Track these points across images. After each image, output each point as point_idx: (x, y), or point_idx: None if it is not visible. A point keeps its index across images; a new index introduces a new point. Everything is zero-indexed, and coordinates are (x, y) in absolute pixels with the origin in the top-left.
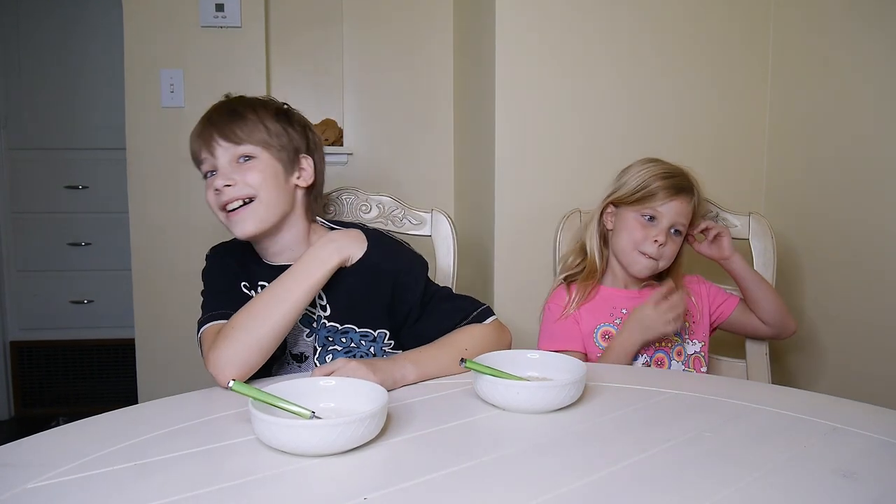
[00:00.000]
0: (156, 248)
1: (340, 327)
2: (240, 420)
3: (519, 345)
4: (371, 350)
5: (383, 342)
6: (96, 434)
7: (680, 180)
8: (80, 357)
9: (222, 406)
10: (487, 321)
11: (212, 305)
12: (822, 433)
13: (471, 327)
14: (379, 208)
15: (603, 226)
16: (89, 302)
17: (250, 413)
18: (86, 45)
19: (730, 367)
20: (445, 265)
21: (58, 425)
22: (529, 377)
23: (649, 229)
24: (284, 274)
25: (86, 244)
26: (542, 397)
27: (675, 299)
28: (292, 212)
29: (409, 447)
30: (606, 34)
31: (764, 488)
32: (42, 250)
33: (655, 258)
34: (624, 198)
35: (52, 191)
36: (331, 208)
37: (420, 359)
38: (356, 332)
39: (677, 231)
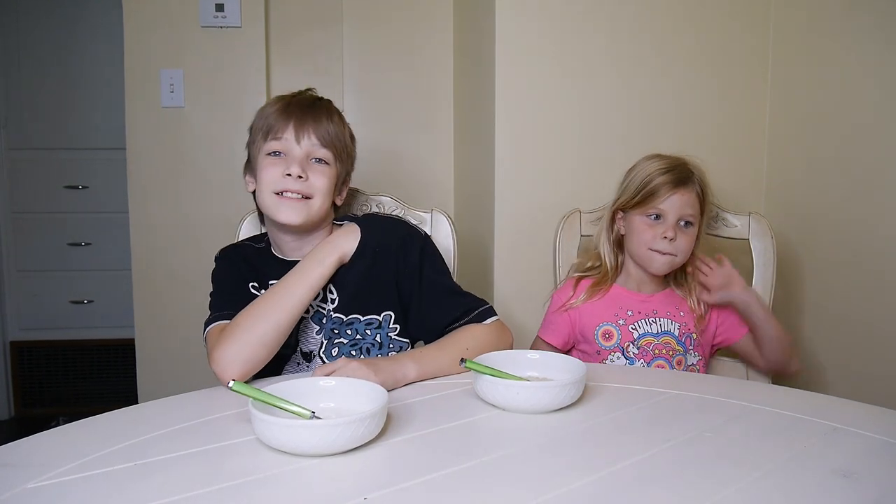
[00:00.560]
0: (156, 248)
1: (346, 318)
2: (240, 420)
3: (519, 345)
4: (377, 338)
5: (388, 327)
6: (96, 434)
7: (679, 172)
8: (80, 357)
9: (222, 406)
10: (489, 321)
11: (218, 306)
12: (822, 433)
13: (472, 327)
14: (379, 208)
15: (617, 231)
16: (89, 302)
17: (250, 413)
18: (86, 45)
19: (730, 368)
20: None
21: (58, 425)
22: (529, 377)
23: (657, 228)
24: (287, 275)
25: (86, 244)
26: (542, 397)
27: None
28: (324, 219)
29: (409, 447)
30: (606, 34)
31: (764, 488)
32: (42, 250)
33: (671, 253)
34: (628, 202)
35: (51, 191)
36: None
37: (420, 358)
38: (361, 322)
39: (687, 223)
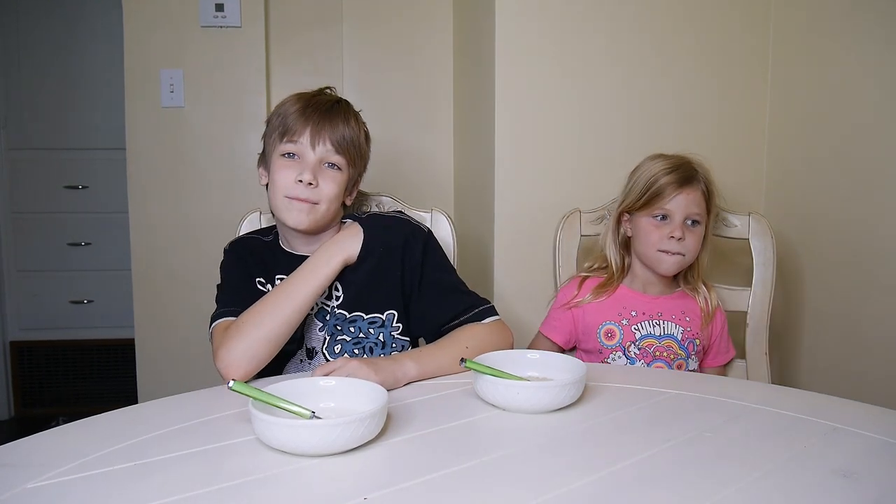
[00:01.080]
0: (156, 248)
1: (349, 315)
2: (240, 420)
3: (520, 344)
4: (381, 337)
5: (391, 326)
6: (96, 434)
7: (683, 171)
8: (80, 357)
9: (222, 406)
10: (489, 320)
11: (224, 301)
12: (822, 433)
13: (472, 326)
14: (379, 208)
15: (623, 233)
16: (89, 302)
17: (250, 413)
18: (86, 45)
19: (730, 368)
20: None
21: (58, 425)
22: (529, 377)
23: (664, 228)
24: (293, 274)
25: (86, 244)
26: (542, 397)
27: None
28: (332, 220)
29: (409, 447)
30: (606, 34)
31: (764, 488)
32: (42, 250)
33: (679, 253)
34: (634, 204)
35: (51, 191)
36: None
37: (420, 358)
38: (364, 321)
39: (694, 222)
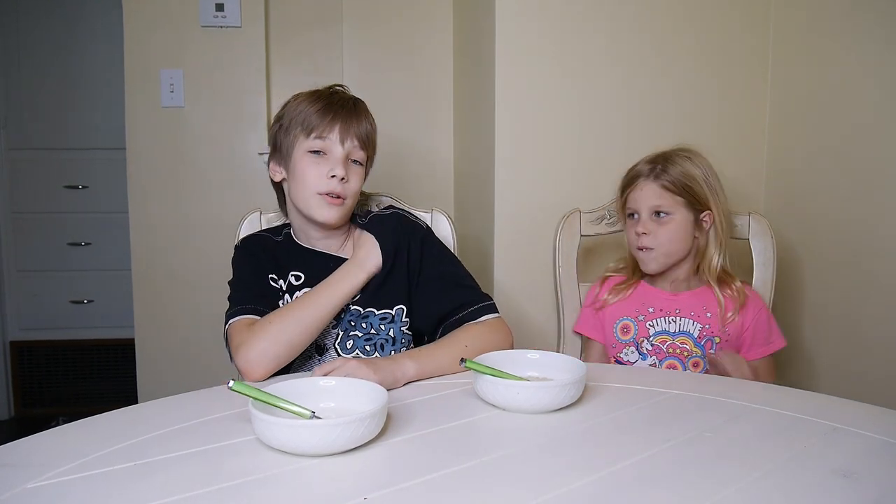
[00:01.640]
0: (156, 248)
1: (363, 311)
2: (240, 420)
3: (520, 344)
4: (391, 333)
5: (401, 321)
6: (96, 434)
7: (639, 168)
8: (80, 357)
9: (222, 406)
10: (489, 318)
11: (239, 299)
12: (822, 433)
13: (472, 325)
14: (378, 208)
15: None
16: (89, 302)
17: (250, 413)
18: (86, 45)
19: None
20: None
21: (58, 425)
22: (529, 377)
23: (635, 226)
24: (321, 285)
25: (86, 244)
26: (542, 397)
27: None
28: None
29: (409, 447)
30: (606, 34)
31: (764, 488)
32: (42, 250)
33: (647, 247)
34: (619, 207)
35: (51, 191)
36: None
37: (420, 357)
38: (375, 316)
39: (661, 213)
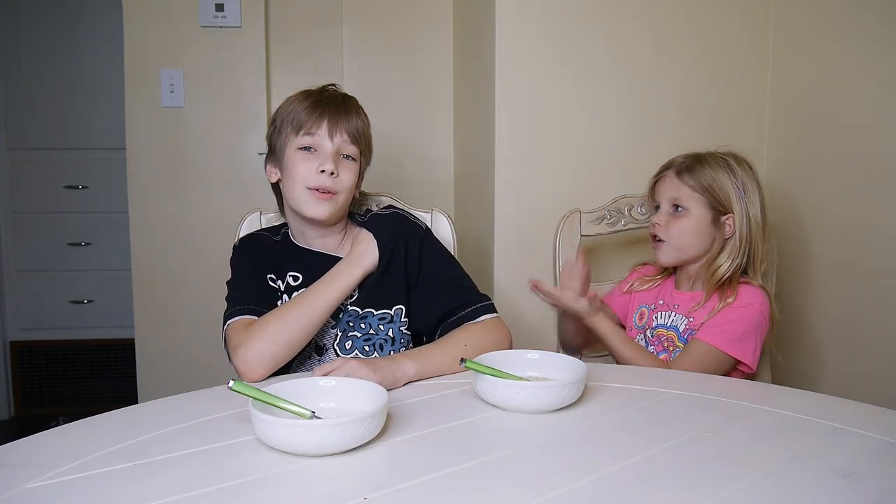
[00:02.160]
0: (156, 248)
1: (361, 312)
2: (240, 420)
3: (519, 344)
4: (390, 333)
5: (400, 321)
6: (96, 434)
7: (673, 159)
8: (80, 357)
9: (222, 406)
10: (488, 318)
11: (237, 299)
12: (822, 433)
13: (471, 325)
14: (378, 208)
15: None
16: (89, 302)
17: (250, 413)
18: (86, 45)
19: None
20: None
21: (58, 425)
22: (529, 377)
23: (654, 217)
24: (317, 283)
25: (86, 244)
26: (542, 397)
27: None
28: (346, 211)
29: (409, 447)
30: (606, 34)
31: (764, 488)
32: (42, 250)
33: (659, 237)
34: (649, 196)
35: (51, 191)
36: None
37: (419, 357)
38: (374, 317)
39: (679, 208)
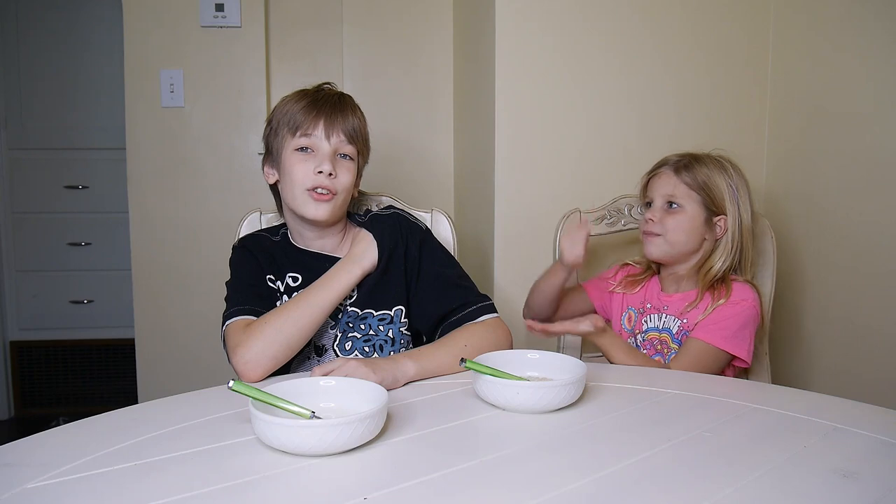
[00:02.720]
0: (156, 248)
1: (361, 312)
2: (240, 420)
3: (519, 344)
4: (390, 334)
5: (400, 322)
6: (96, 434)
7: (667, 157)
8: (80, 357)
9: (222, 406)
10: (488, 318)
11: (236, 300)
12: (822, 433)
13: (471, 325)
14: (377, 208)
15: None
16: (89, 302)
17: (250, 413)
18: (86, 45)
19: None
20: None
21: (58, 425)
22: (529, 377)
23: (647, 212)
24: (316, 283)
25: (86, 244)
26: (542, 397)
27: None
28: (345, 211)
29: (409, 447)
30: (606, 35)
31: (764, 488)
32: (42, 250)
33: (654, 233)
34: (641, 192)
35: (51, 191)
36: None
37: (419, 357)
38: (374, 317)
39: (672, 204)
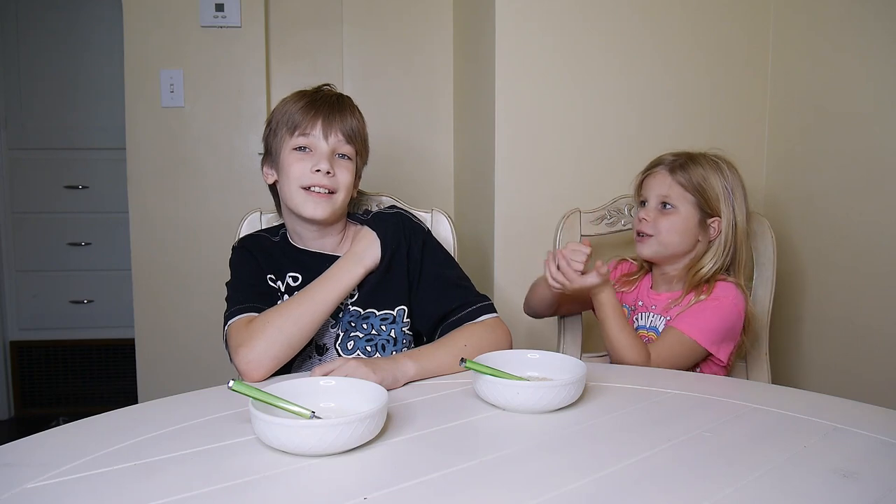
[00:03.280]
0: (156, 248)
1: (363, 312)
2: (240, 420)
3: (519, 344)
4: (392, 333)
5: (402, 321)
6: (96, 434)
7: (662, 157)
8: (80, 357)
9: (222, 406)
10: (488, 318)
11: (238, 299)
12: (822, 433)
13: (471, 325)
14: (378, 208)
15: None
16: (89, 302)
17: (250, 413)
18: (86, 45)
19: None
20: None
21: (58, 425)
22: (529, 377)
23: (641, 212)
24: (317, 281)
25: (86, 244)
26: (542, 397)
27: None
28: (344, 211)
29: (409, 447)
30: (606, 35)
31: (764, 488)
32: (42, 250)
33: (646, 232)
34: (636, 191)
35: (51, 191)
36: None
37: (419, 357)
38: (376, 317)
39: (668, 205)
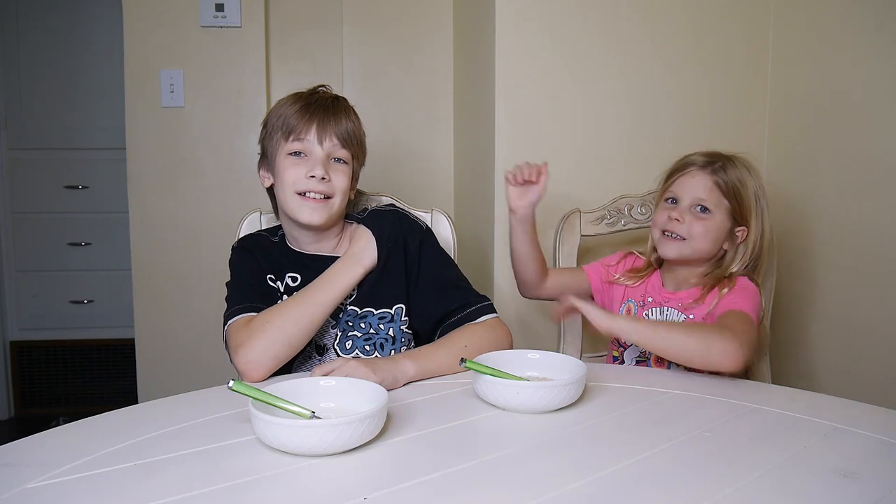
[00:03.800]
0: (156, 248)
1: (360, 311)
2: (240, 420)
3: (520, 345)
4: (390, 332)
5: (400, 320)
6: (96, 434)
7: (694, 157)
8: (80, 357)
9: (222, 406)
10: (488, 318)
11: (237, 299)
12: (822, 433)
13: (471, 325)
14: (377, 206)
15: None
16: (89, 302)
17: (250, 413)
18: (86, 45)
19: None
20: None
21: (58, 425)
22: (529, 377)
23: (671, 210)
24: (317, 281)
25: (86, 244)
26: (542, 397)
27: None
28: (341, 214)
29: (409, 447)
30: (606, 35)
31: (764, 488)
32: (42, 250)
33: (678, 235)
34: (659, 192)
35: (51, 191)
36: None
37: (419, 357)
38: (374, 316)
39: (703, 209)
